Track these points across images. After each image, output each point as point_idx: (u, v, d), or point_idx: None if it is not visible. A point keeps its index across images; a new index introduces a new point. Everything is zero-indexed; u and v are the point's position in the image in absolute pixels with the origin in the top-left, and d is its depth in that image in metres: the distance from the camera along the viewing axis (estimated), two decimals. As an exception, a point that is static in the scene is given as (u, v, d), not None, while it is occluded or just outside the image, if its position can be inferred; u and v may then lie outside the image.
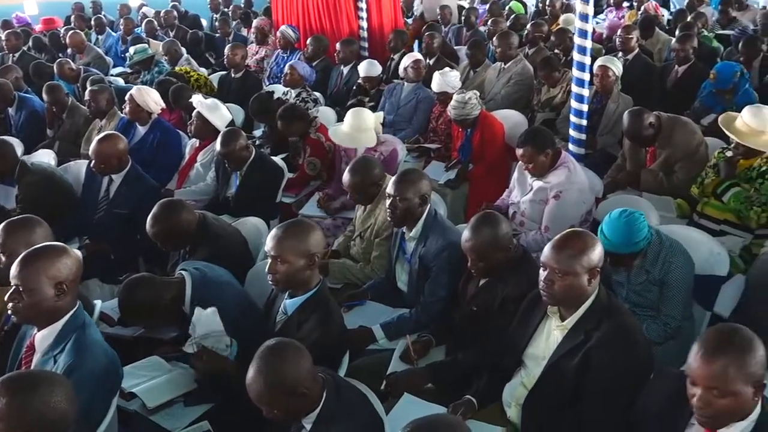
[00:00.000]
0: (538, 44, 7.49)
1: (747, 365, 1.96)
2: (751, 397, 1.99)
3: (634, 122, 4.46)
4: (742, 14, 9.27)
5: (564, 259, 2.50)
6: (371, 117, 4.87)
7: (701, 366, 1.99)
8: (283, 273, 2.82)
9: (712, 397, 1.99)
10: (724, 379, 1.96)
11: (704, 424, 2.07)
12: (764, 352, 2.01)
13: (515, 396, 2.77)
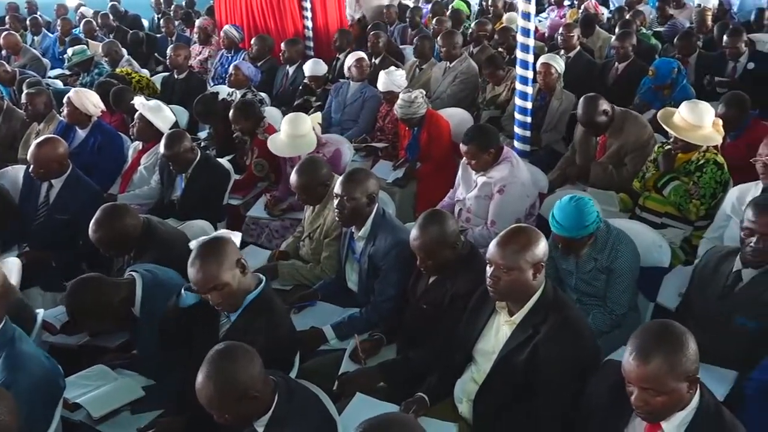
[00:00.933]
0: (482, 43, 7.57)
1: (679, 364, 2.01)
2: (686, 391, 2.05)
3: (588, 107, 4.57)
4: (679, 12, 9.53)
5: (509, 255, 2.53)
6: (307, 120, 4.84)
7: (635, 368, 2.03)
8: (221, 292, 2.76)
9: (648, 396, 2.04)
10: (657, 380, 2.00)
11: (644, 419, 2.12)
12: (695, 346, 2.05)
13: (466, 391, 2.79)
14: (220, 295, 2.74)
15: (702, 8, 8.33)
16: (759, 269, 2.89)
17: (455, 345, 2.89)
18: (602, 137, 4.73)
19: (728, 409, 2.17)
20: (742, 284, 2.92)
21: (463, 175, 4.32)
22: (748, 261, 2.91)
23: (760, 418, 2.49)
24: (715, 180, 4.01)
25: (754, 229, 2.84)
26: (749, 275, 2.91)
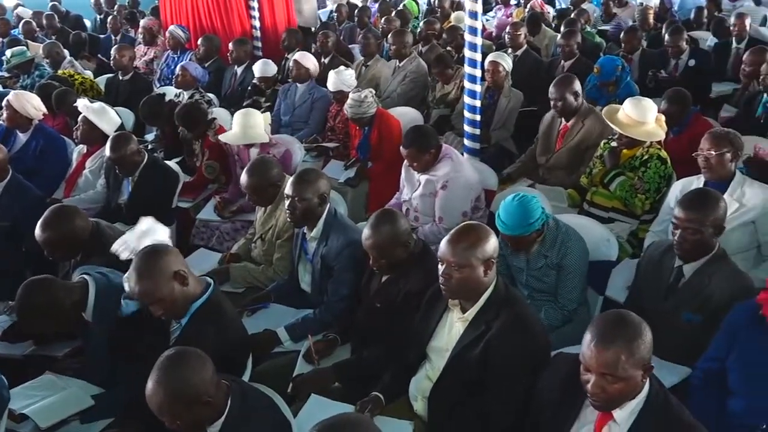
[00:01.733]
0: (431, 42, 7.61)
1: (637, 351, 2.06)
2: (640, 379, 2.10)
3: (563, 83, 4.72)
4: (622, 10, 9.74)
5: (459, 253, 2.54)
6: (260, 116, 4.85)
7: (594, 354, 2.07)
8: (161, 305, 2.71)
9: (605, 383, 2.08)
10: (616, 366, 2.05)
11: (598, 407, 2.16)
12: (651, 336, 2.12)
13: (421, 389, 2.80)
14: (160, 307, 2.71)
15: (644, 7, 8.54)
16: (697, 264, 2.96)
17: (409, 343, 2.90)
18: (564, 126, 4.82)
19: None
20: (684, 280, 3.00)
21: (407, 176, 4.37)
22: (677, 253, 3.00)
23: (703, 405, 2.56)
24: (659, 174, 4.10)
25: (677, 223, 2.94)
26: (690, 271, 2.98)
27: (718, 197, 2.99)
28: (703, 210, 2.89)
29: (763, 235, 3.54)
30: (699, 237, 2.88)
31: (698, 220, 2.87)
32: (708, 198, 2.98)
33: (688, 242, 2.90)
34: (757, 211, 3.51)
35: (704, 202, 2.93)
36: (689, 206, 2.92)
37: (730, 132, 3.68)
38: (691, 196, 3.02)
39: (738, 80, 6.21)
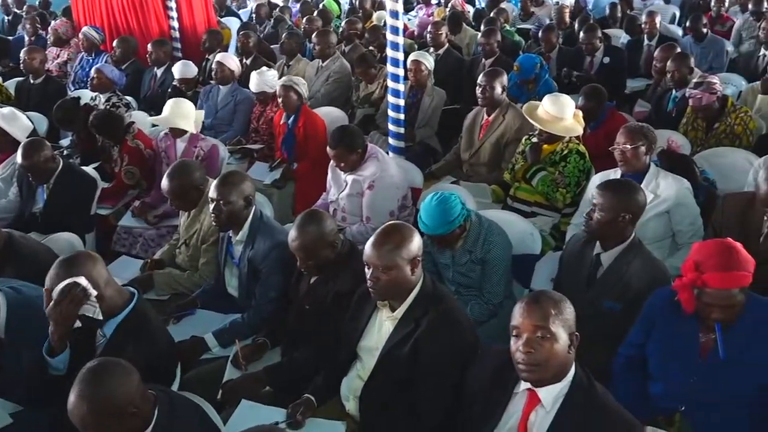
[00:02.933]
0: (354, 41, 7.61)
1: (564, 312, 2.18)
2: (567, 346, 2.17)
3: (493, 74, 4.89)
4: (539, 9, 9.99)
5: (385, 255, 2.55)
6: (192, 107, 4.79)
7: (526, 311, 2.17)
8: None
9: (536, 341, 2.14)
10: (546, 317, 2.14)
11: (528, 376, 2.19)
12: (574, 312, 2.22)
13: (352, 389, 2.80)
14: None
15: (560, 6, 8.78)
16: (614, 253, 3.06)
17: (339, 343, 2.89)
18: (486, 120, 4.91)
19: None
20: (602, 269, 3.09)
21: (333, 177, 4.36)
22: (586, 233, 3.14)
23: (625, 389, 2.65)
24: (579, 169, 4.22)
25: (593, 206, 3.06)
26: (608, 260, 3.08)
27: (636, 187, 3.10)
28: (614, 193, 3.00)
29: (677, 224, 3.69)
30: (603, 217, 2.99)
31: (607, 201, 2.98)
32: (627, 185, 3.09)
33: (593, 219, 3.02)
34: (671, 202, 3.65)
35: (617, 188, 3.05)
36: (603, 188, 3.04)
37: (644, 126, 3.81)
38: (611, 181, 3.13)
39: (650, 76, 6.45)
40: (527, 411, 2.25)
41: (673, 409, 2.63)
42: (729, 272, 2.41)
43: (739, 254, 2.45)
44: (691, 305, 2.49)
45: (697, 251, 2.50)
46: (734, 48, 7.79)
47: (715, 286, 2.41)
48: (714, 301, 2.43)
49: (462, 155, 5.07)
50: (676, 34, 8.04)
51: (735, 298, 2.43)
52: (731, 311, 2.46)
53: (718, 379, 2.53)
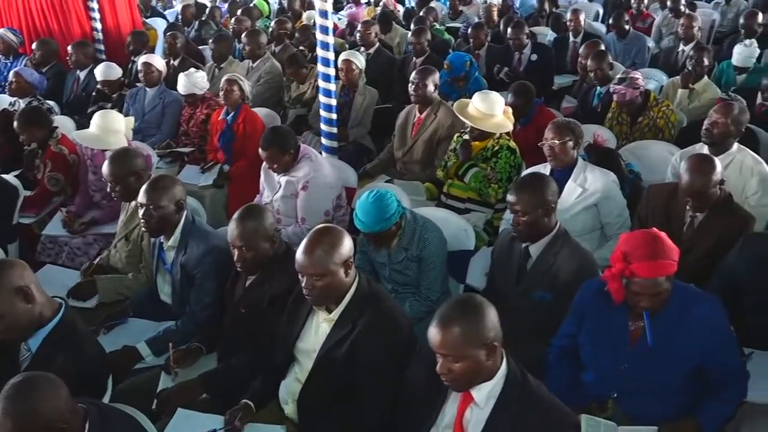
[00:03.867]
0: (284, 41, 7.54)
1: (475, 330, 2.15)
2: (484, 359, 2.17)
3: (426, 71, 4.90)
4: (468, 8, 10.09)
5: (317, 262, 2.54)
6: (121, 119, 4.60)
7: (435, 336, 2.17)
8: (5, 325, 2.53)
9: (448, 363, 2.16)
10: (454, 345, 2.13)
11: (453, 388, 2.23)
12: (494, 316, 2.20)
13: (291, 392, 2.78)
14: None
15: (488, 4, 8.90)
16: (541, 244, 3.12)
17: (276, 346, 2.86)
18: (418, 118, 4.94)
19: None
20: (531, 260, 3.15)
21: (266, 178, 4.32)
22: (516, 235, 3.19)
23: (559, 380, 2.72)
24: (510, 164, 4.29)
25: (510, 208, 3.12)
26: (536, 252, 3.14)
27: (540, 180, 3.15)
28: (527, 193, 3.05)
29: (605, 217, 3.79)
30: (527, 219, 3.04)
31: (524, 203, 3.03)
32: (532, 182, 3.15)
33: (520, 224, 3.08)
34: (599, 195, 3.75)
35: (528, 186, 3.10)
36: (515, 191, 3.09)
37: (571, 121, 3.90)
38: (518, 181, 3.19)
39: (577, 73, 6.61)
40: (462, 409, 2.27)
41: (605, 396, 2.70)
42: (655, 261, 2.48)
43: (664, 244, 2.53)
44: (621, 295, 2.55)
45: (624, 242, 2.57)
46: (655, 44, 8.06)
47: (642, 275, 2.48)
48: (642, 289, 2.50)
49: (395, 153, 5.09)
50: (600, 31, 8.25)
51: (661, 286, 2.51)
52: (658, 299, 2.53)
53: (647, 365, 2.61)
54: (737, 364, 2.67)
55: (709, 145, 3.91)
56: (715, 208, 3.34)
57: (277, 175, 4.16)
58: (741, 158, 3.80)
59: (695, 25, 6.97)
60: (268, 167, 4.19)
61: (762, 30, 7.33)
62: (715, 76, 6.32)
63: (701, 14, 8.04)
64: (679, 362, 2.60)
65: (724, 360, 2.61)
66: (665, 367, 2.59)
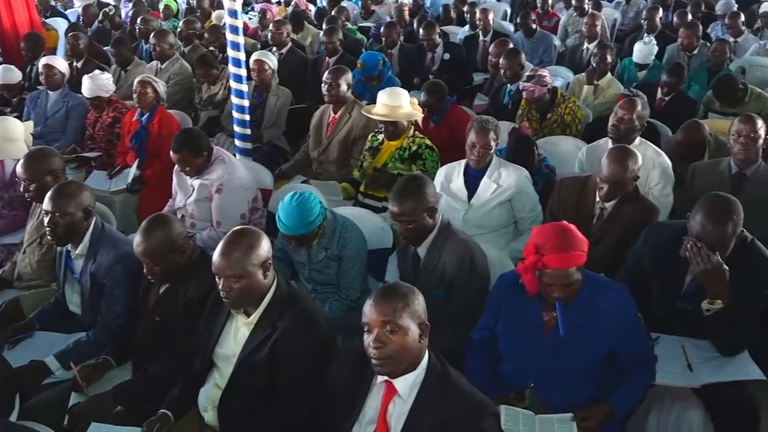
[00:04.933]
0: (193, 42, 7.39)
1: (412, 304, 2.21)
2: (418, 337, 2.21)
3: (338, 71, 4.90)
4: (380, 7, 10.14)
5: (234, 264, 2.50)
6: (19, 126, 4.41)
7: (374, 307, 2.19)
8: None
9: (386, 336, 2.17)
10: (394, 312, 2.17)
11: (381, 370, 2.22)
12: (423, 302, 2.27)
13: (210, 399, 2.72)
14: None
15: (400, 3, 8.97)
16: (427, 242, 3.17)
17: (194, 353, 2.80)
18: (333, 118, 4.93)
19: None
20: (421, 260, 3.20)
21: (179, 182, 4.22)
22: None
23: (478, 371, 2.76)
24: (435, 161, 4.36)
25: (395, 218, 3.15)
26: (423, 251, 3.20)
27: (419, 184, 3.13)
28: (410, 200, 3.06)
29: (518, 212, 3.88)
30: (415, 225, 3.09)
31: (409, 211, 3.05)
32: (412, 188, 3.11)
33: (408, 231, 3.12)
34: (513, 190, 3.83)
35: (410, 193, 3.08)
36: (397, 200, 3.08)
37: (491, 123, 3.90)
38: (398, 190, 3.14)
39: (487, 71, 6.74)
40: (385, 402, 2.28)
41: (523, 386, 2.77)
42: (566, 253, 2.56)
43: (574, 235, 2.61)
44: (534, 286, 2.62)
45: (536, 235, 2.64)
46: (561, 42, 8.32)
47: (554, 266, 2.55)
48: (554, 280, 2.58)
49: (311, 154, 5.06)
50: (508, 30, 8.46)
51: (572, 277, 2.59)
52: (570, 289, 2.62)
53: (561, 354, 2.68)
54: (645, 349, 2.79)
55: (615, 140, 4.05)
56: (623, 199, 3.47)
57: (189, 178, 4.07)
58: (643, 151, 3.95)
59: (598, 24, 7.26)
60: (180, 170, 4.09)
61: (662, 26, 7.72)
62: (618, 72, 6.60)
63: (604, 13, 8.35)
64: (591, 350, 2.68)
65: (633, 345, 2.72)
66: (578, 355, 2.68)
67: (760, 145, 3.76)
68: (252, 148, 5.04)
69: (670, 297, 3.03)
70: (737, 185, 3.70)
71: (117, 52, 6.68)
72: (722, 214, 2.79)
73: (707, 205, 2.84)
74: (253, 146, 5.11)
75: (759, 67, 6.75)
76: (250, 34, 8.48)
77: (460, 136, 4.02)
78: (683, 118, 4.77)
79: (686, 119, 4.69)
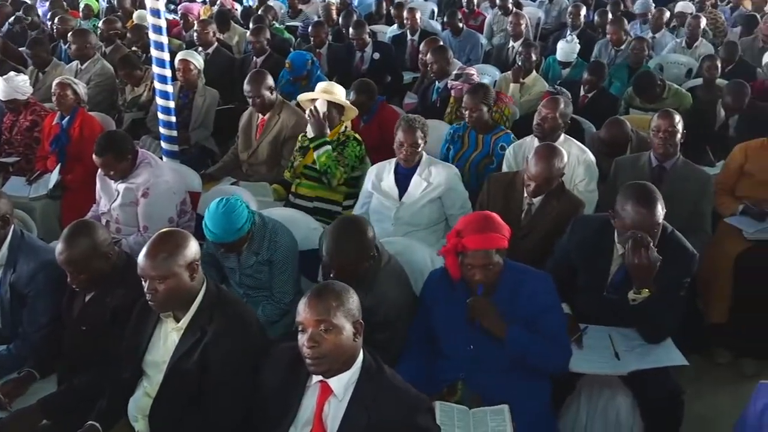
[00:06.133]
0: (115, 42, 7.19)
1: (346, 302, 2.20)
2: (352, 335, 2.20)
3: (256, 80, 4.75)
4: (307, 7, 10.09)
5: (160, 264, 2.45)
6: None
7: (308, 306, 2.18)
8: None
9: (320, 335, 2.15)
10: (328, 311, 2.16)
11: (315, 369, 2.21)
12: (358, 300, 2.27)
13: (140, 407, 2.66)
14: None
15: (327, 3, 8.92)
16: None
17: (123, 361, 2.73)
18: (262, 120, 4.88)
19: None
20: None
21: (103, 187, 4.09)
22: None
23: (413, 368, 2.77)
24: (355, 154, 4.34)
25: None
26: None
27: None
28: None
29: (449, 208, 3.92)
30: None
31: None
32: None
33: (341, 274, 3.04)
34: (443, 188, 3.87)
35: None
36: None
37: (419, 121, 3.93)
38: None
39: (416, 69, 6.79)
40: (321, 402, 2.27)
41: (455, 378, 2.81)
42: (485, 234, 2.66)
43: (494, 220, 2.72)
44: (457, 270, 2.70)
45: (459, 223, 2.74)
46: (487, 41, 8.45)
47: (473, 247, 2.65)
48: (474, 261, 2.67)
49: (240, 155, 4.99)
50: (435, 29, 8.54)
51: (492, 258, 2.67)
52: (491, 272, 2.69)
53: (490, 344, 2.74)
54: (562, 333, 2.83)
55: (540, 138, 4.13)
56: (550, 195, 3.55)
57: (114, 182, 3.95)
58: (568, 148, 4.04)
59: (523, 23, 7.42)
60: (103, 174, 3.97)
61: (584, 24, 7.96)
62: (542, 70, 6.75)
63: (528, 12, 8.52)
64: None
65: (550, 328, 2.77)
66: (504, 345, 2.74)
67: (678, 140, 3.90)
68: (179, 151, 4.93)
69: (596, 288, 3.12)
70: (657, 178, 3.82)
71: (34, 53, 6.44)
72: (651, 198, 2.90)
73: (634, 192, 2.93)
74: (181, 148, 5.00)
75: (676, 64, 7.02)
76: (175, 33, 8.31)
77: (391, 135, 4.03)
78: (606, 115, 4.91)
79: (608, 115, 4.82)
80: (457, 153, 4.62)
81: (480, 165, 4.53)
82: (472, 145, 4.59)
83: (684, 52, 7.30)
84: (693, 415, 3.25)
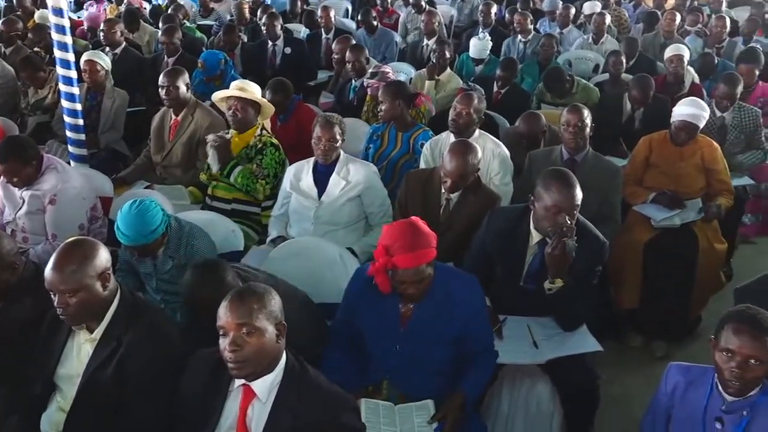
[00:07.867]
0: (15, 43, 6.87)
1: (268, 304, 2.19)
2: (275, 337, 2.18)
3: (173, 74, 4.70)
4: (219, 5, 9.90)
5: (68, 278, 2.36)
6: None
7: (229, 309, 2.15)
8: None
9: (242, 338, 2.13)
10: (249, 314, 2.14)
11: (239, 371, 2.18)
12: (280, 301, 2.25)
13: (54, 423, 2.55)
14: None
15: (240, 2, 8.79)
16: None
17: (33, 376, 2.61)
18: (174, 120, 4.76)
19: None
20: None
21: (6, 194, 3.89)
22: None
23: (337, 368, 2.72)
24: (275, 161, 4.28)
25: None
26: None
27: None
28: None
29: (368, 207, 3.92)
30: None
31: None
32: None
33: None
34: (362, 186, 3.87)
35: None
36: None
37: (335, 117, 3.93)
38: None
39: (332, 68, 6.77)
40: (244, 406, 2.23)
41: (381, 379, 2.81)
42: (415, 252, 2.60)
43: (421, 232, 2.66)
44: (387, 286, 2.67)
45: (385, 235, 2.67)
46: (402, 39, 8.51)
47: (404, 266, 2.60)
48: (406, 278, 2.63)
49: (153, 158, 4.85)
50: (350, 28, 8.55)
51: (424, 273, 2.65)
52: (422, 285, 2.68)
53: (417, 344, 2.75)
54: (489, 336, 2.90)
55: (455, 133, 4.19)
56: (467, 190, 3.60)
57: (18, 189, 3.77)
58: (483, 143, 4.11)
59: (436, 21, 7.51)
60: (6, 182, 3.78)
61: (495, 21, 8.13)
62: (456, 67, 6.84)
63: (440, 10, 8.64)
64: (444, 339, 2.77)
65: (478, 333, 2.82)
66: (432, 344, 2.75)
67: (587, 134, 4.04)
68: (88, 155, 4.75)
69: (513, 278, 3.19)
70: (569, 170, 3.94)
71: None
72: (572, 179, 3.01)
73: (553, 176, 3.02)
74: (90, 152, 4.82)
75: (584, 60, 7.27)
76: (80, 34, 8.01)
77: (308, 134, 4.00)
78: (518, 110, 5.02)
79: (521, 111, 4.93)
80: (377, 151, 4.65)
81: (399, 163, 4.55)
82: (391, 143, 4.62)
83: (591, 48, 7.55)
84: (609, 398, 3.38)
